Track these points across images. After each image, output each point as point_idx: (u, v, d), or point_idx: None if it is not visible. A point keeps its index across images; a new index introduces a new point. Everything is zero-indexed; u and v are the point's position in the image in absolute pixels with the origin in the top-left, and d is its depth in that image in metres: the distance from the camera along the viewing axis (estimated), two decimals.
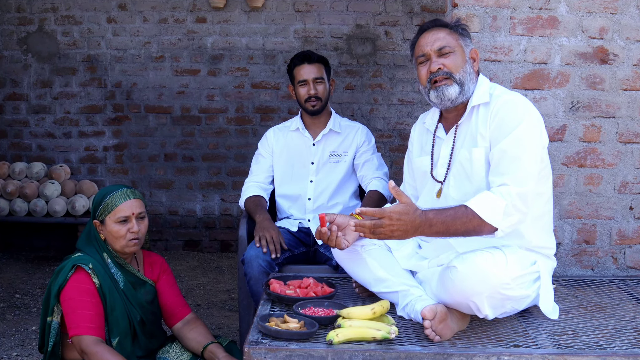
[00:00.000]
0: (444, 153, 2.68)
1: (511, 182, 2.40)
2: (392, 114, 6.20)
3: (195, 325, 2.92)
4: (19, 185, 5.67)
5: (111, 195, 2.79)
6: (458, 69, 2.58)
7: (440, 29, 2.63)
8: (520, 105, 2.53)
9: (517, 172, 2.42)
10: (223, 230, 6.30)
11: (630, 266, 3.22)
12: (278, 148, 3.80)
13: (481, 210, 2.34)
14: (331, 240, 2.56)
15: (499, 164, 2.46)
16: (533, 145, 2.47)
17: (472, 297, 2.29)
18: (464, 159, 2.59)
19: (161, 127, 6.23)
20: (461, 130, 2.65)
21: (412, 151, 2.90)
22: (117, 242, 2.77)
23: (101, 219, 2.79)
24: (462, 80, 2.58)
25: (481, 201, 2.37)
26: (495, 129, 2.51)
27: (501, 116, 2.51)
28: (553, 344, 2.28)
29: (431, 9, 6.07)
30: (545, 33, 3.11)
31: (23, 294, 4.88)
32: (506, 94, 2.59)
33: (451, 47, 2.59)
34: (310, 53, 3.73)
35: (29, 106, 6.21)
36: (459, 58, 2.60)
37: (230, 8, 6.10)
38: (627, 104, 3.15)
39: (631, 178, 3.18)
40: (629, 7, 3.10)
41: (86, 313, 2.64)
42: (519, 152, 2.44)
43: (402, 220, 2.29)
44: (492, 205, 2.36)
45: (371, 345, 2.21)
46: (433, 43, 2.60)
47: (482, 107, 2.60)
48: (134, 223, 2.78)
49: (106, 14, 6.10)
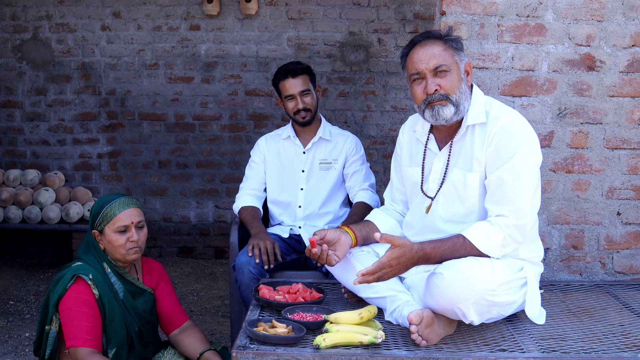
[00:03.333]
0: (435, 168, 2.67)
1: (509, 214, 2.44)
2: (385, 120, 6.23)
3: (192, 332, 2.93)
4: (14, 192, 5.67)
5: (109, 204, 2.77)
6: (454, 90, 2.53)
7: (435, 44, 2.55)
8: (517, 130, 2.51)
9: (516, 203, 2.44)
10: (217, 236, 6.31)
11: (618, 271, 3.24)
12: (270, 156, 3.82)
13: (479, 243, 2.41)
14: (322, 258, 2.58)
15: (496, 192, 2.48)
16: (531, 173, 2.50)
17: (458, 303, 2.31)
18: (457, 181, 2.59)
19: (155, 134, 6.25)
20: (455, 149, 2.63)
21: (400, 156, 2.88)
22: (117, 252, 2.76)
23: (100, 228, 2.77)
24: (458, 101, 2.54)
25: (479, 233, 2.41)
26: (492, 154, 2.51)
27: (498, 141, 2.50)
28: (539, 348, 2.30)
29: (424, 17, 6.10)
30: (532, 40, 3.14)
31: (17, 301, 4.89)
32: (503, 115, 2.55)
33: (447, 65, 2.52)
34: (293, 66, 3.69)
35: (24, 113, 6.23)
36: (455, 77, 2.54)
37: (224, 16, 6.12)
38: (614, 110, 3.17)
39: (619, 184, 3.20)
40: (616, 14, 3.12)
41: (84, 324, 2.64)
42: (518, 181, 2.45)
43: (401, 263, 2.36)
44: (489, 238, 2.41)
45: (358, 350, 2.23)
46: (428, 61, 2.52)
47: (478, 127, 2.58)
48: (134, 232, 2.77)
49: (100, 21, 6.12)
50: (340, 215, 3.76)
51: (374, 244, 2.77)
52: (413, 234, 2.75)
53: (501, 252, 2.44)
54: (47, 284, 5.29)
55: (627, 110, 3.17)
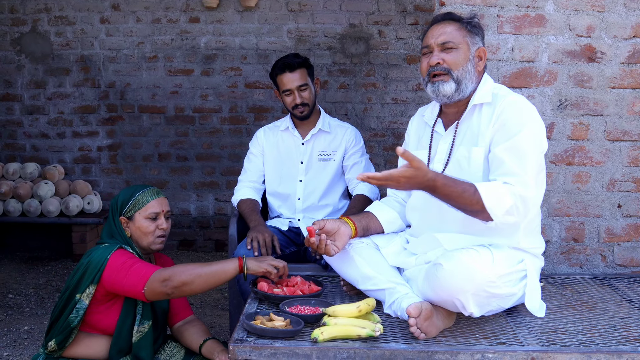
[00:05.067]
0: (441, 149, 2.68)
1: (516, 183, 2.40)
2: (386, 113, 6.20)
3: (195, 324, 2.96)
4: (13, 186, 5.67)
5: (142, 192, 2.84)
6: (457, 67, 2.57)
7: (450, 23, 2.61)
8: (525, 108, 2.52)
9: (522, 174, 2.41)
10: (217, 229, 6.31)
11: (619, 264, 3.23)
12: (268, 147, 3.80)
13: (488, 200, 2.33)
14: (320, 248, 2.57)
15: (503, 164, 2.45)
16: (536, 150, 2.49)
17: (458, 294, 2.30)
18: (462, 157, 2.59)
19: (155, 127, 6.23)
20: (461, 128, 2.64)
21: (408, 143, 2.91)
22: (144, 239, 2.81)
23: (129, 215, 2.81)
24: (460, 78, 2.57)
25: (491, 192, 2.35)
26: (500, 128, 2.50)
27: (506, 116, 2.50)
28: (538, 342, 2.28)
29: (424, 8, 6.07)
30: (532, 31, 3.11)
31: (16, 294, 4.88)
32: (511, 95, 2.58)
33: (455, 42, 2.57)
34: (290, 60, 3.65)
35: (23, 107, 6.21)
36: (461, 55, 2.58)
37: (223, 8, 6.10)
38: (614, 102, 3.15)
39: (619, 176, 3.18)
40: (616, 5, 3.10)
41: (144, 264, 2.64)
42: (523, 156, 2.43)
43: (409, 182, 2.29)
44: (500, 200, 2.34)
45: (356, 343, 2.22)
46: (438, 36, 2.59)
47: (485, 106, 2.59)
48: (163, 220, 2.84)
49: (99, 14, 6.10)
50: (340, 207, 3.75)
51: (374, 236, 2.76)
52: (417, 216, 2.73)
53: (503, 218, 2.36)
54: (46, 278, 5.28)
55: (627, 102, 3.15)
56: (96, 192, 5.96)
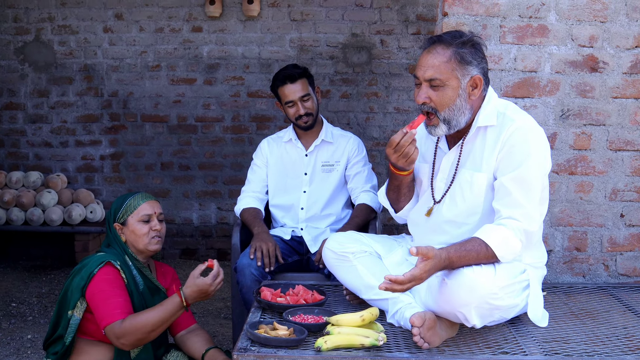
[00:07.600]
0: (444, 167, 2.66)
1: (521, 217, 2.42)
2: (388, 122, 6.21)
3: (199, 332, 2.96)
4: (16, 195, 5.68)
5: (133, 197, 2.89)
6: (443, 107, 2.50)
7: (439, 53, 2.48)
8: (532, 135, 2.50)
9: (528, 206, 2.43)
10: (220, 238, 6.31)
11: (622, 273, 3.23)
12: (272, 159, 3.81)
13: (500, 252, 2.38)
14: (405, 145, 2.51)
15: (509, 195, 2.45)
16: (540, 176, 2.50)
17: (460, 307, 2.30)
18: (465, 181, 2.58)
19: (157, 136, 6.25)
20: (465, 149, 2.61)
21: None
22: (139, 242, 2.83)
23: (122, 220, 2.85)
24: (448, 118, 2.51)
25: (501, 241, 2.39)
26: (506, 156, 2.49)
27: (513, 143, 2.48)
28: (541, 351, 2.29)
29: (426, 18, 6.09)
30: (535, 41, 3.12)
31: (19, 303, 4.88)
32: (518, 118, 2.52)
33: (442, 79, 2.47)
34: (291, 71, 3.64)
35: (26, 115, 6.23)
36: (449, 93, 2.48)
37: (226, 17, 6.12)
38: (617, 111, 3.16)
39: (622, 185, 3.19)
40: (619, 16, 3.11)
41: (118, 300, 2.65)
42: (529, 187, 2.44)
43: (430, 273, 2.30)
44: (509, 247, 2.40)
45: (359, 352, 2.22)
46: (425, 70, 2.49)
47: (490, 129, 2.55)
48: (156, 222, 2.86)
49: (102, 23, 6.12)
50: (342, 217, 3.75)
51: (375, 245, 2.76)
52: (418, 231, 2.75)
53: (510, 258, 2.43)
54: (49, 286, 5.28)
55: (630, 112, 3.16)
56: (99, 201, 5.97)
